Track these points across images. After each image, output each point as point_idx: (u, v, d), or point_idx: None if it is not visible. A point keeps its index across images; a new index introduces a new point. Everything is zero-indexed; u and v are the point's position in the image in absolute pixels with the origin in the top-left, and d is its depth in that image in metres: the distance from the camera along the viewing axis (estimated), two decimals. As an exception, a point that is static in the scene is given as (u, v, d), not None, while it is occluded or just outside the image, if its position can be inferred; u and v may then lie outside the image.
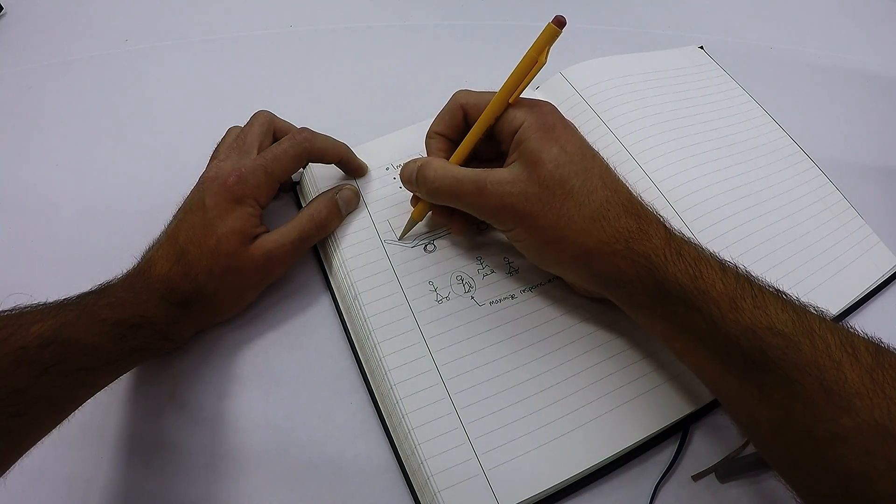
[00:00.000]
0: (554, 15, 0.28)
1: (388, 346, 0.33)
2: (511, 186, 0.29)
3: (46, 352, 0.25)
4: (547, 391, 0.32)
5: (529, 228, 0.29)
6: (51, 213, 0.41)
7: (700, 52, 0.49)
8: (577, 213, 0.28)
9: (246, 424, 0.33)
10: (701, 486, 0.31)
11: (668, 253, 0.27)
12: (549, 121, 0.30)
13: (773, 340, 0.24)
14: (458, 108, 0.33)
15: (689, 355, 0.28)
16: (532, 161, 0.29)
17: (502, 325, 0.33)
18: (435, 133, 0.34)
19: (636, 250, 0.27)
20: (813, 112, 0.48)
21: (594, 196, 0.28)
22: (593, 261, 0.28)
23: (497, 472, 0.29)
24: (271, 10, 0.54)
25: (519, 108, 0.30)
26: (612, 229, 0.28)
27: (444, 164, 0.32)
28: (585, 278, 0.30)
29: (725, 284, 0.26)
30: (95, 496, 0.31)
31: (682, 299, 0.26)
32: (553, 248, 0.29)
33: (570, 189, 0.28)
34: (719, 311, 0.25)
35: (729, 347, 0.25)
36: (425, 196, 0.33)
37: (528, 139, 0.29)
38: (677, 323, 0.27)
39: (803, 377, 0.23)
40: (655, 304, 0.28)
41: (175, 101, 0.47)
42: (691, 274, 0.26)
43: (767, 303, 0.25)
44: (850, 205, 0.41)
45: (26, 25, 0.52)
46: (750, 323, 0.24)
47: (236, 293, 0.34)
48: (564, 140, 0.29)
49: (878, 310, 0.38)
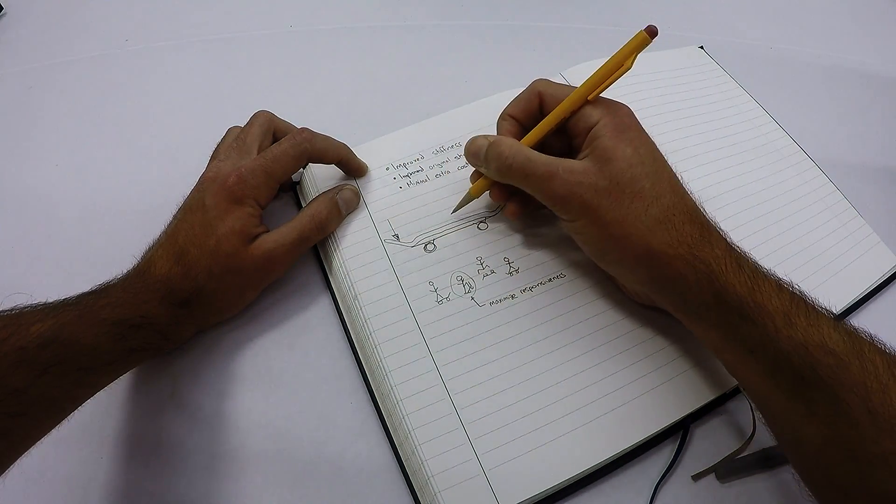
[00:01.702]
0: (647, 25, 0.30)
1: (388, 346, 0.33)
2: (582, 177, 0.29)
3: (46, 352, 0.25)
4: (547, 391, 0.31)
5: (594, 221, 0.29)
6: (51, 213, 0.41)
7: (700, 52, 0.49)
8: (644, 213, 0.28)
9: (246, 424, 0.33)
10: (701, 486, 0.31)
11: (729, 262, 0.27)
12: (625, 122, 0.30)
13: (825, 359, 0.24)
14: (535, 95, 0.33)
15: (739, 367, 0.28)
16: (605, 158, 0.29)
17: (502, 325, 0.33)
18: (508, 115, 0.34)
19: (698, 256, 0.28)
20: (813, 112, 0.48)
21: (662, 200, 0.29)
22: (655, 262, 0.29)
23: (497, 472, 0.29)
24: (271, 10, 0.54)
25: (596, 107, 0.31)
26: (677, 233, 0.28)
27: (517, 143, 0.32)
28: (644, 279, 0.30)
29: (781, 300, 0.26)
30: (95, 496, 0.31)
31: (739, 310, 0.26)
32: (616, 245, 0.29)
33: (639, 189, 0.29)
34: (774, 325, 0.25)
35: (780, 362, 0.25)
36: (493, 173, 0.33)
37: (603, 136, 0.30)
38: (731, 333, 0.27)
39: (850, 397, 0.23)
40: (711, 312, 0.28)
41: (175, 101, 0.47)
42: (749, 286, 0.27)
43: (821, 321, 0.25)
44: (850, 205, 0.41)
45: (26, 25, 0.52)
46: (803, 339, 0.25)
47: (236, 293, 0.34)
48: (638, 142, 0.30)
49: (878, 310, 0.38)
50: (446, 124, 0.42)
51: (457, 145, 0.41)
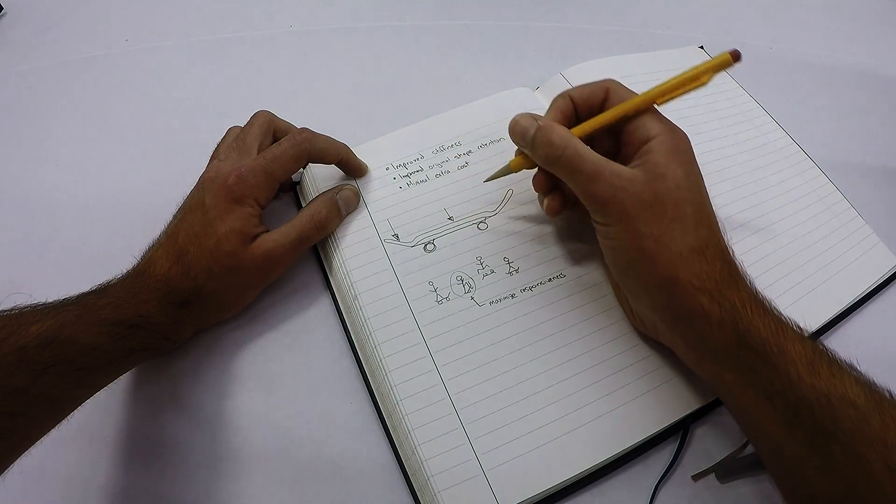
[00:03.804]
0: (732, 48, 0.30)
1: (388, 347, 0.33)
2: (629, 184, 0.28)
3: (46, 352, 0.25)
4: (547, 391, 0.32)
5: (629, 230, 0.29)
6: (51, 213, 0.41)
7: (700, 52, 0.49)
8: (680, 237, 0.28)
9: (246, 424, 0.33)
10: (701, 486, 0.31)
11: (754, 305, 0.27)
12: (681, 146, 0.30)
13: (847, 411, 0.24)
14: (602, 90, 0.32)
15: (753, 413, 0.27)
16: (656, 173, 0.29)
17: (502, 325, 0.33)
18: (569, 96, 0.33)
19: (725, 295, 0.27)
20: (813, 112, 0.48)
21: (700, 230, 0.28)
22: (679, 291, 0.28)
23: (497, 472, 0.29)
24: (271, 10, 0.54)
25: (658, 121, 0.30)
26: (708, 267, 0.28)
27: (568, 133, 0.30)
28: (661, 306, 0.29)
29: (804, 347, 0.26)
30: (95, 496, 0.31)
31: (762, 354, 0.26)
32: (644, 262, 0.28)
33: (681, 213, 0.28)
34: (797, 371, 0.25)
35: (800, 411, 0.25)
36: (538, 158, 0.32)
37: (658, 152, 0.29)
38: (750, 378, 0.26)
39: (870, 452, 0.23)
40: (731, 354, 0.27)
41: (175, 100, 0.47)
42: (773, 329, 0.26)
43: (843, 373, 0.25)
44: (850, 205, 0.41)
45: (26, 25, 0.52)
46: (826, 389, 0.24)
47: (236, 293, 0.34)
48: (690, 168, 0.30)
49: (878, 310, 0.38)
50: (446, 124, 0.42)
51: (456, 145, 0.41)
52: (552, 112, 0.33)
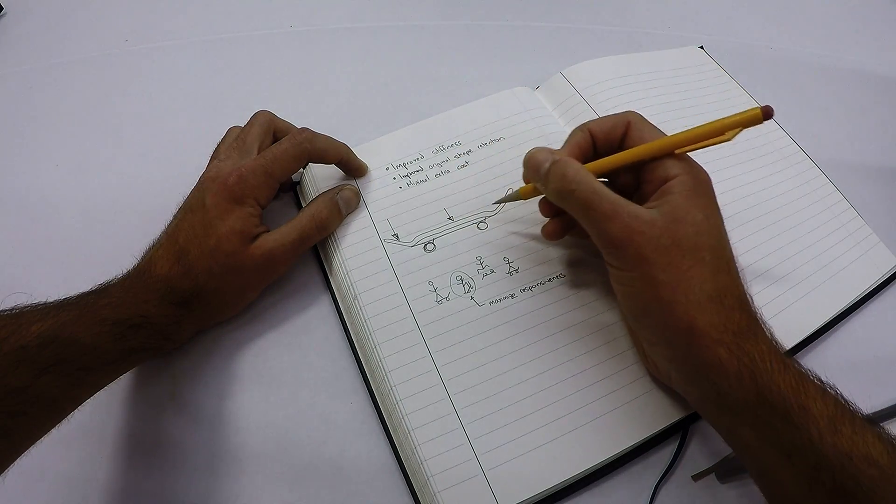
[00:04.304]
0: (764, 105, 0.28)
1: (388, 347, 0.33)
2: (647, 227, 0.27)
3: (46, 351, 0.25)
4: (547, 391, 0.32)
5: (644, 277, 0.27)
6: (51, 213, 0.41)
7: (700, 52, 0.49)
8: (698, 285, 0.26)
9: (246, 424, 0.33)
10: (701, 486, 0.31)
11: (774, 360, 0.26)
12: (702, 189, 0.29)
13: (869, 471, 0.23)
14: (623, 123, 0.31)
15: (770, 471, 0.26)
16: (675, 216, 0.27)
17: (502, 325, 0.33)
18: (588, 129, 0.32)
19: (743, 348, 0.26)
20: (813, 112, 0.48)
21: (719, 277, 0.27)
22: (696, 341, 0.26)
23: (497, 472, 0.29)
24: (271, 10, 0.54)
25: (679, 160, 0.29)
26: (727, 317, 0.26)
27: (584, 170, 0.29)
28: (678, 358, 0.28)
29: (826, 405, 0.24)
30: (95, 496, 0.31)
31: (782, 412, 0.25)
32: (659, 311, 0.27)
33: (700, 258, 0.27)
34: (818, 430, 0.24)
35: (820, 471, 0.24)
36: (551, 194, 0.31)
37: (678, 193, 0.28)
38: (769, 435, 0.25)
39: None
40: (748, 410, 0.26)
41: (175, 101, 0.47)
42: (794, 387, 0.25)
43: (865, 430, 0.24)
44: (850, 205, 0.41)
45: (26, 25, 0.52)
46: (847, 449, 0.23)
47: (236, 293, 0.34)
48: (710, 211, 0.28)
49: (878, 310, 0.38)
50: (446, 124, 0.42)
51: (456, 144, 0.41)
52: (568, 146, 0.32)
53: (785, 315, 0.35)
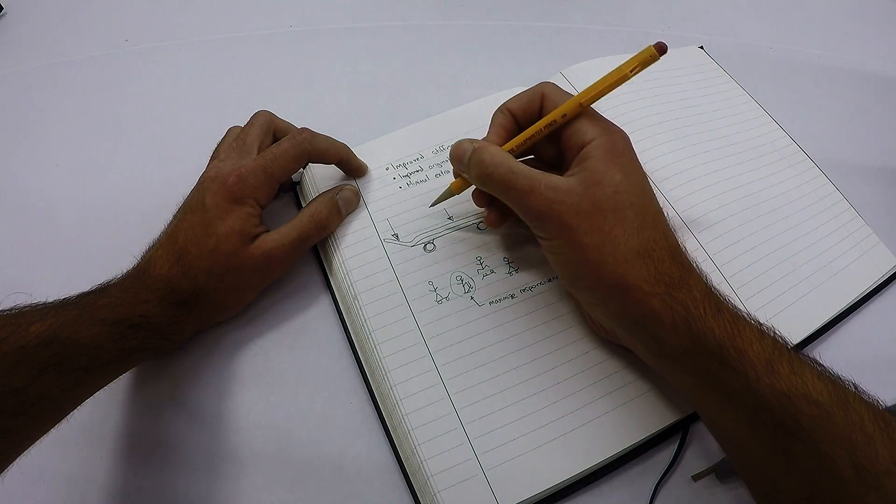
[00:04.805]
0: (657, 41, 0.28)
1: (387, 346, 0.33)
2: (565, 195, 0.28)
3: (46, 351, 0.25)
4: (546, 391, 0.31)
5: (570, 243, 0.28)
6: (51, 213, 0.41)
7: (700, 52, 0.49)
8: (623, 242, 0.27)
9: (246, 424, 0.33)
10: (701, 486, 0.31)
11: (708, 306, 0.26)
12: (619, 147, 0.29)
13: (808, 409, 0.23)
14: (538, 95, 0.32)
15: (714, 414, 0.27)
16: (593, 180, 0.28)
17: (502, 325, 0.33)
18: (507, 109, 0.32)
19: (676, 297, 0.26)
20: (813, 112, 0.48)
21: (644, 232, 0.28)
22: (629, 297, 0.27)
23: (497, 472, 0.29)
24: (271, 10, 0.54)
25: (594, 125, 0.29)
26: (656, 269, 0.27)
27: (500, 152, 0.30)
28: (615, 314, 0.29)
29: (763, 346, 0.25)
30: (95, 496, 0.31)
31: (718, 356, 0.25)
32: (591, 272, 0.28)
33: (622, 217, 0.27)
34: (755, 372, 0.24)
35: (760, 411, 0.24)
36: (474, 180, 0.32)
37: (594, 157, 0.28)
38: (708, 380, 0.26)
39: (834, 450, 0.22)
40: (686, 356, 0.26)
41: (175, 100, 0.47)
42: (729, 331, 0.25)
43: (804, 369, 0.24)
44: (850, 205, 0.41)
45: (26, 25, 0.52)
46: (785, 389, 0.24)
47: (236, 293, 0.34)
48: (629, 170, 0.29)
49: (878, 310, 0.38)
50: (446, 124, 0.42)
51: (457, 145, 0.41)
52: (492, 130, 0.32)
53: (785, 315, 0.35)
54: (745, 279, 0.35)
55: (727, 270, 0.35)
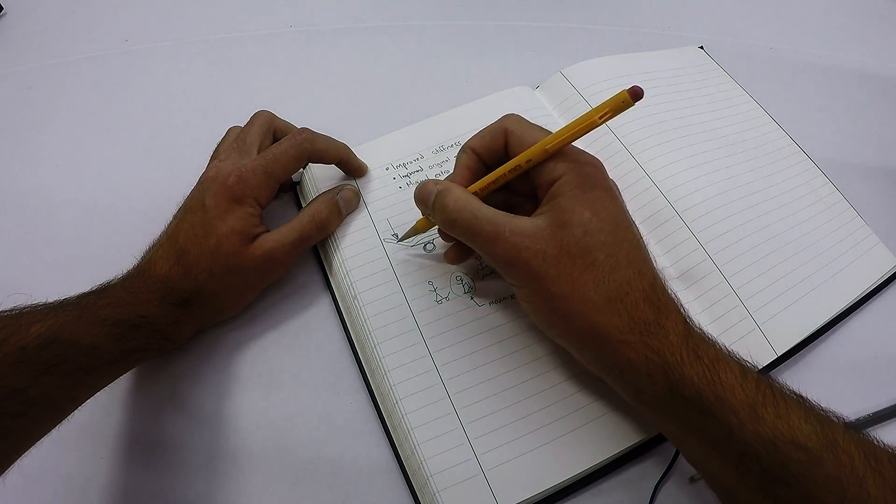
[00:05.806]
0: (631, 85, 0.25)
1: (387, 346, 0.33)
2: (530, 241, 0.26)
3: (46, 352, 0.25)
4: (547, 391, 0.31)
5: (539, 291, 0.27)
6: (51, 213, 0.41)
7: (700, 52, 0.49)
8: (594, 289, 0.26)
9: (246, 424, 0.33)
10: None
11: (685, 352, 0.25)
12: (590, 181, 0.28)
13: (796, 455, 0.22)
14: (501, 132, 0.30)
15: (699, 459, 0.26)
16: (560, 221, 0.27)
17: (502, 325, 0.33)
18: (469, 148, 0.31)
19: (650, 345, 0.25)
20: (813, 112, 0.48)
21: (616, 274, 0.26)
22: (602, 346, 0.26)
23: (497, 472, 0.29)
24: (271, 10, 0.54)
25: (562, 160, 0.28)
26: (628, 316, 0.26)
27: (465, 196, 0.29)
28: (591, 362, 0.28)
29: (745, 391, 0.24)
30: (95, 496, 0.31)
31: (698, 405, 0.24)
32: (561, 321, 0.27)
33: (592, 261, 0.26)
34: (738, 420, 0.23)
35: (746, 458, 0.23)
36: (439, 224, 0.31)
37: (563, 195, 0.27)
38: (689, 427, 0.25)
39: (825, 494, 0.22)
40: (665, 404, 0.26)
41: (175, 100, 0.47)
42: (709, 378, 0.24)
43: (790, 412, 0.24)
44: (850, 205, 0.41)
45: (26, 25, 0.52)
46: (771, 436, 0.23)
47: (236, 293, 0.34)
48: (601, 206, 0.27)
49: (878, 310, 0.38)
50: (446, 124, 0.42)
51: (456, 145, 0.41)
52: (456, 171, 0.31)
53: (785, 315, 0.35)
54: (745, 279, 0.35)
55: (727, 270, 0.35)
